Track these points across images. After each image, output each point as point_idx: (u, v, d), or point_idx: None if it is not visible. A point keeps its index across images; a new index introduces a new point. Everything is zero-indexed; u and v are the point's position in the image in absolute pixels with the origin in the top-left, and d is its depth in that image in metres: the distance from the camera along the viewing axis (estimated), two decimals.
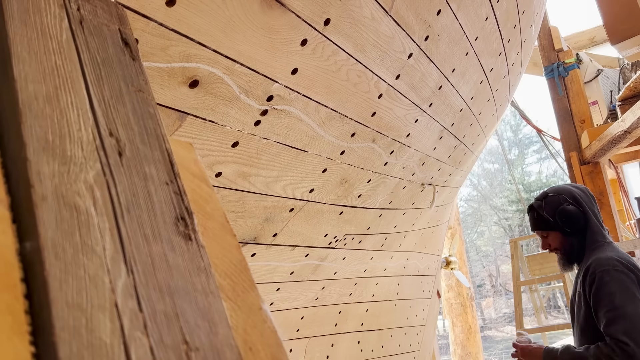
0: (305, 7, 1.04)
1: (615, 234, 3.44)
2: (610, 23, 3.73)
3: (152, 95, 0.56)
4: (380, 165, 1.71)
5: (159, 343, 0.38)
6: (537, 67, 4.66)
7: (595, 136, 3.64)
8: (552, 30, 4.26)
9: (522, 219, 22.84)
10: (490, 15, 1.72)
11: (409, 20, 1.33)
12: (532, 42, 2.45)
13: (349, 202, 1.71)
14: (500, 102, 2.40)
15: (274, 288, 1.65)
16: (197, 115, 1.00)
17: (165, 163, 0.51)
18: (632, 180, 4.91)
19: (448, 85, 1.74)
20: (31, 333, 0.35)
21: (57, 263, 0.37)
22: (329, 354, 2.10)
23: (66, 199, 0.41)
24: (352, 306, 2.22)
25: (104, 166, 0.45)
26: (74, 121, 0.46)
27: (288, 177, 1.36)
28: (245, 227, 1.34)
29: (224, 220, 0.56)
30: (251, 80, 1.06)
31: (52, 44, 0.49)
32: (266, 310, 0.49)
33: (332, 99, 1.29)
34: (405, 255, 2.54)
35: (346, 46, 1.21)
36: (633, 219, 3.97)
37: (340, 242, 1.84)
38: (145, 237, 0.43)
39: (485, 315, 22.29)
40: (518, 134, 25.54)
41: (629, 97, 3.30)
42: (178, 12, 0.85)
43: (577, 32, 5.36)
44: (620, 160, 4.34)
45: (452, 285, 7.17)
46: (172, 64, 0.90)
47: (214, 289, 0.45)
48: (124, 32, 0.58)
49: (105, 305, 0.37)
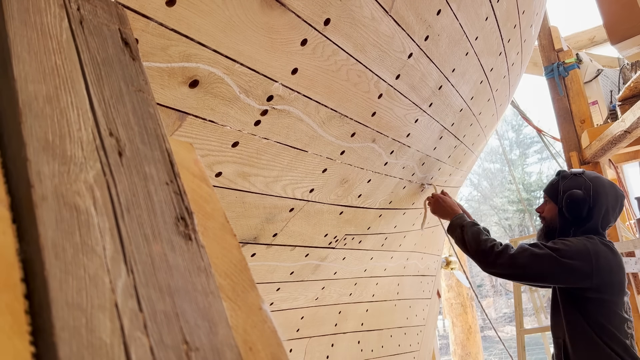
0: (305, 7, 1.04)
1: (615, 234, 3.44)
2: (610, 23, 3.72)
3: (152, 95, 0.56)
4: (380, 165, 1.71)
5: (159, 343, 0.37)
6: (537, 67, 4.66)
7: (595, 136, 3.64)
8: (552, 30, 4.26)
9: (522, 219, 22.83)
10: (490, 15, 1.72)
11: (409, 20, 1.33)
12: (532, 42, 2.45)
13: (349, 202, 1.71)
14: (500, 102, 2.40)
15: (274, 288, 1.65)
16: (197, 115, 1.00)
17: (165, 163, 0.51)
18: (632, 180, 4.90)
19: (448, 85, 1.74)
20: (31, 333, 0.35)
21: (57, 263, 0.37)
22: (329, 354, 2.10)
23: (66, 199, 0.40)
24: (352, 306, 2.22)
25: (104, 166, 0.45)
26: (74, 121, 0.46)
27: (288, 177, 1.36)
28: (245, 227, 1.34)
29: (224, 220, 0.56)
30: (251, 80, 1.06)
31: (52, 44, 0.49)
32: (266, 310, 0.49)
33: (332, 99, 1.29)
34: (405, 255, 2.54)
35: (346, 46, 1.21)
36: (633, 219, 3.97)
37: (340, 242, 1.84)
38: (145, 237, 0.43)
39: (485, 315, 22.27)
40: (520, 134, 25.53)
41: (629, 97, 3.30)
42: (178, 12, 0.85)
43: (577, 32, 5.36)
44: (620, 160, 4.33)
45: (452, 285, 7.17)
46: (172, 64, 0.90)
47: (214, 289, 0.45)
48: (124, 32, 0.58)
49: (105, 305, 0.37)
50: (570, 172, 1.81)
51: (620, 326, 1.60)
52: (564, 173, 1.82)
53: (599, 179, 1.75)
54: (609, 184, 1.76)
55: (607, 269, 1.60)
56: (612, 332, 1.57)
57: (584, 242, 1.62)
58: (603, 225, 1.74)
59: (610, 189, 1.74)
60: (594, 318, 1.59)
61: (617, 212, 1.77)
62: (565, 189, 1.75)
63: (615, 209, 1.75)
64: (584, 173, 1.77)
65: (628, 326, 1.62)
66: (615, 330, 1.58)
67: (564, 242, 1.64)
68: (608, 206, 1.72)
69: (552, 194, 1.82)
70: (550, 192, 1.83)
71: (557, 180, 1.82)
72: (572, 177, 1.77)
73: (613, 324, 1.58)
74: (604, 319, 1.59)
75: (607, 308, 1.60)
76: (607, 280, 1.59)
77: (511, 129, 25.51)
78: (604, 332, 1.58)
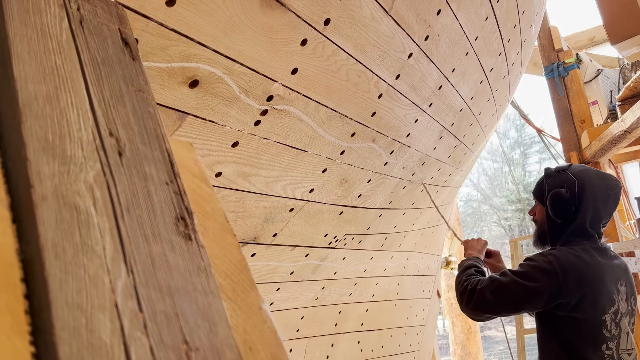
0: (305, 7, 1.04)
1: (615, 234, 3.44)
2: (610, 23, 3.72)
3: (152, 95, 0.56)
4: (380, 165, 1.71)
5: (159, 343, 0.37)
6: (537, 67, 4.66)
7: (595, 136, 3.64)
8: (552, 30, 4.26)
9: (522, 219, 22.83)
10: (490, 15, 1.72)
11: (409, 20, 1.33)
12: (532, 42, 2.45)
13: (349, 202, 1.71)
14: (500, 102, 2.40)
15: (274, 288, 1.65)
16: (197, 115, 1.00)
17: (165, 163, 0.51)
18: (632, 180, 4.90)
19: (448, 85, 1.74)
20: (31, 333, 0.35)
21: (57, 263, 0.37)
22: (329, 354, 2.10)
23: (66, 199, 0.41)
24: (352, 306, 2.22)
25: (104, 166, 0.45)
26: (74, 121, 0.46)
27: (288, 177, 1.36)
28: (245, 227, 1.34)
29: (224, 220, 0.56)
30: (251, 80, 1.06)
31: (52, 44, 0.49)
32: (266, 310, 0.49)
33: (332, 98, 1.29)
34: (405, 255, 2.54)
35: (346, 46, 1.21)
36: (633, 219, 3.97)
37: (340, 242, 1.84)
38: (145, 237, 0.43)
39: None
40: (521, 134, 25.53)
41: (629, 97, 3.30)
42: (178, 12, 0.85)
43: (577, 32, 5.36)
44: (620, 160, 4.33)
45: (452, 285, 7.16)
46: (172, 63, 0.90)
47: (214, 289, 0.45)
48: (124, 32, 0.58)
49: (105, 305, 0.37)
50: (555, 169, 1.67)
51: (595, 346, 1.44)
52: (548, 171, 1.69)
53: (585, 172, 1.59)
54: (597, 175, 1.59)
55: (575, 285, 1.43)
56: (582, 353, 1.43)
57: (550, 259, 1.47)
58: (593, 224, 1.57)
59: (598, 181, 1.57)
60: (563, 337, 1.47)
61: (610, 205, 1.59)
62: (549, 189, 1.62)
63: (607, 203, 1.58)
64: (569, 168, 1.62)
65: (608, 347, 1.45)
66: (587, 350, 1.44)
67: (530, 262, 1.50)
68: (597, 200, 1.55)
69: (538, 195, 1.70)
70: (537, 193, 1.71)
71: (542, 179, 1.69)
72: (555, 174, 1.64)
73: (585, 344, 1.44)
74: (573, 338, 1.45)
75: (577, 328, 1.45)
76: (575, 296, 1.43)
77: (514, 128, 25.51)
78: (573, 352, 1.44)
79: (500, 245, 23.93)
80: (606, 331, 1.46)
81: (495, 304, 1.49)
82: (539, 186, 1.71)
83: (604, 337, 1.45)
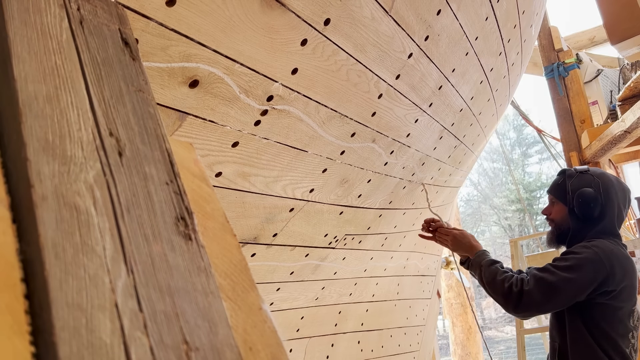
0: (305, 7, 1.04)
1: None
2: (610, 23, 3.72)
3: (152, 95, 0.56)
4: (380, 165, 1.71)
5: (159, 343, 0.37)
6: (537, 67, 4.66)
7: (595, 136, 3.64)
8: (552, 30, 4.26)
9: (522, 219, 22.84)
10: (490, 15, 1.72)
11: (409, 20, 1.33)
12: (532, 42, 2.45)
13: (349, 202, 1.71)
14: (500, 102, 2.40)
15: (274, 288, 1.65)
16: (197, 115, 1.00)
17: (165, 163, 0.51)
18: (632, 180, 4.90)
19: (448, 85, 1.74)
20: (31, 333, 0.35)
21: (57, 263, 0.37)
22: (329, 354, 2.10)
23: (66, 199, 0.40)
24: (352, 306, 2.22)
25: (104, 166, 0.45)
26: (74, 121, 0.46)
27: (288, 177, 1.36)
28: (245, 227, 1.34)
29: (224, 220, 0.56)
30: (251, 80, 1.06)
31: (52, 44, 0.49)
32: (266, 310, 0.49)
33: (332, 99, 1.29)
34: (405, 255, 2.54)
35: (346, 46, 1.21)
36: (633, 219, 3.97)
37: (340, 242, 1.84)
38: (145, 237, 0.43)
39: (485, 315, 22.27)
40: (522, 134, 25.52)
41: (629, 97, 3.29)
42: (178, 12, 0.85)
43: (577, 32, 5.36)
44: (620, 160, 4.33)
45: (452, 285, 7.17)
46: (172, 64, 0.90)
47: (214, 289, 0.45)
48: (124, 32, 0.58)
49: (105, 305, 0.37)
50: (575, 169, 1.72)
51: (624, 334, 1.52)
52: (569, 171, 1.73)
53: (605, 175, 1.67)
54: (615, 179, 1.68)
55: (620, 274, 1.50)
56: (614, 341, 1.50)
57: (595, 250, 1.52)
58: (619, 223, 1.65)
59: (617, 184, 1.66)
60: (596, 324, 1.51)
61: (627, 207, 1.68)
62: (574, 188, 1.66)
63: (625, 205, 1.67)
64: (589, 170, 1.69)
65: (632, 336, 1.53)
66: (617, 338, 1.50)
67: (574, 255, 1.54)
68: (619, 202, 1.64)
69: (559, 195, 1.72)
70: (556, 193, 1.73)
71: (562, 179, 1.73)
72: (578, 174, 1.68)
73: (617, 332, 1.51)
74: (607, 326, 1.51)
75: (612, 315, 1.51)
76: (619, 285, 1.50)
77: (513, 128, 25.50)
78: (605, 339, 1.50)
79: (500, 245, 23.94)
80: (632, 321, 1.55)
81: (545, 304, 1.52)
82: (559, 186, 1.74)
83: (630, 327, 1.54)
